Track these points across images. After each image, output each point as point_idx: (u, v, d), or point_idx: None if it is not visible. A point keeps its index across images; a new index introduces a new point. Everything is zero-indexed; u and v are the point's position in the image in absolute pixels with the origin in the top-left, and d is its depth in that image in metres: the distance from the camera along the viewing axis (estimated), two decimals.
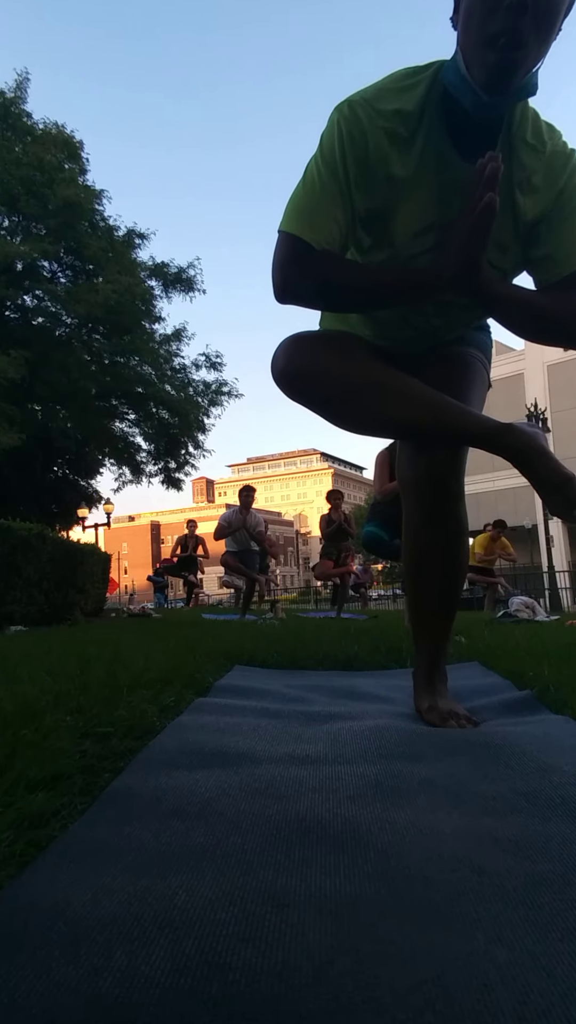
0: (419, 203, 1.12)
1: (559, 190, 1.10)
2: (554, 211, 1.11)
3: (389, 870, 0.61)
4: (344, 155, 1.06)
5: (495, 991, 0.43)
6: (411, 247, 1.15)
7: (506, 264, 1.18)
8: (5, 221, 13.73)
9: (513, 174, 1.10)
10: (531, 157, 1.10)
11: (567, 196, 1.10)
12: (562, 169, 1.10)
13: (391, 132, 1.06)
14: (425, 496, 1.24)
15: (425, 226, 1.13)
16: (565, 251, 1.12)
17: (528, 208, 1.12)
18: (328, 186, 1.07)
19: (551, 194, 1.11)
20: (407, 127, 1.07)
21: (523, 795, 0.82)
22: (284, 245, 1.09)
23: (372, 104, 1.07)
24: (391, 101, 1.07)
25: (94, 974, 0.45)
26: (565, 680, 1.49)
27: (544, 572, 17.53)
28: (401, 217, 1.13)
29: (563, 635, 3.06)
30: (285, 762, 0.96)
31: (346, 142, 1.06)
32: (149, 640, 2.75)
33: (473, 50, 1.00)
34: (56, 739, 0.95)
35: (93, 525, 20.84)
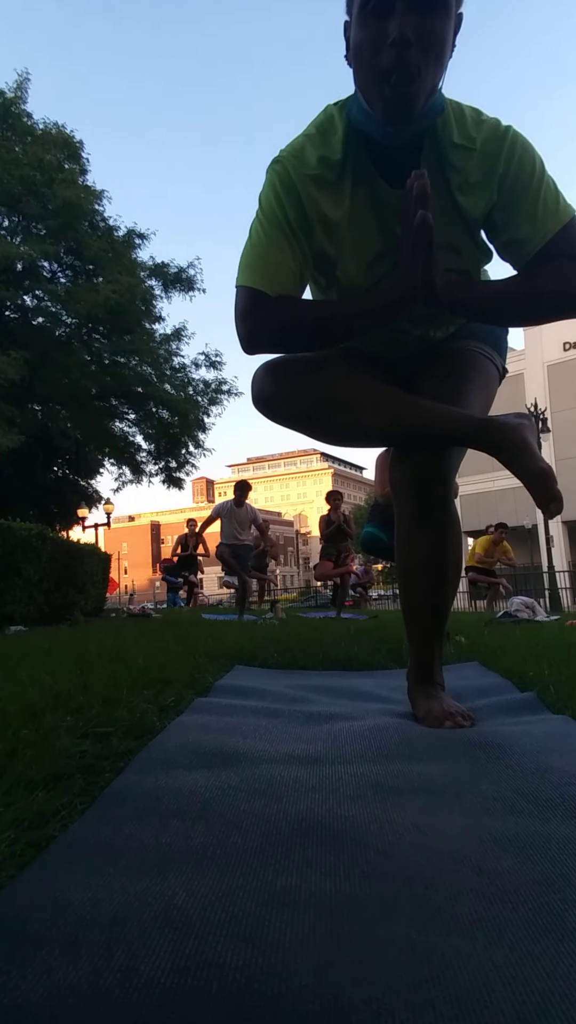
0: (362, 237, 1.15)
1: (500, 176, 1.10)
2: (503, 197, 1.11)
3: (389, 870, 0.61)
4: (282, 205, 1.11)
5: (495, 991, 0.43)
6: (369, 278, 1.18)
7: (465, 264, 1.19)
8: (5, 221, 13.74)
9: (449, 180, 1.11)
10: (462, 158, 1.10)
11: (512, 179, 1.10)
12: (497, 156, 1.09)
13: (317, 179, 1.11)
14: (413, 497, 1.24)
15: (376, 255, 1.17)
16: (527, 231, 1.11)
17: (472, 206, 1.12)
18: (272, 236, 1.11)
19: (492, 184, 1.10)
20: (333, 171, 1.11)
21: (523, 795, 0.82)
22: (241, 298, 1.13)
23: (297, 157, 1.12)
24: (315, 150, 1.12)
25: (94, 974, 0.45)
26: (565, 680, 1.49)
27: (544, 572, 17.53)
28: (349, 253, 1.17)
29: (563, 635, 3.06)
30: (285, 762, 0.96)
31: (281, 194, 1.11)
32: (149, 640, 2.75)
33: (368, 87, 1.03)
34: (56, 739, 0.95)
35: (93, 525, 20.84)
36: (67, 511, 16.91)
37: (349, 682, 1.77)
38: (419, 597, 1.32)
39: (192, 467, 16.72)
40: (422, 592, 1.31)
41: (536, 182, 1.10)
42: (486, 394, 1.34)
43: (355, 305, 1.16)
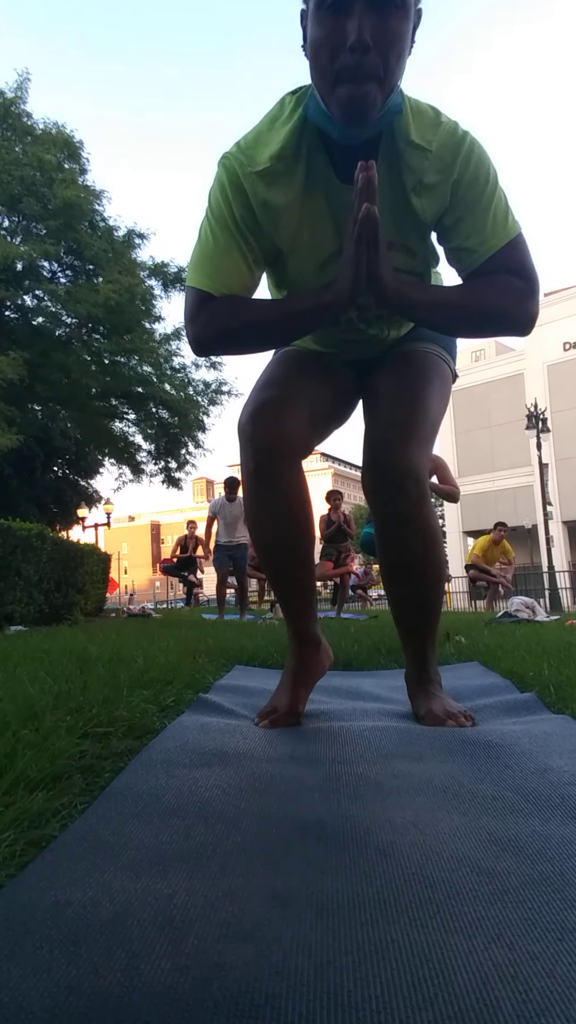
0: (316, 236, 1.14)
1: (454, 181, 1.08)
2: (455, 203, 1.10)
3: (389, 870, 0.61)
4: (229, 204, 1.09)
5: (494, 990, 0.43)
6: (322, 278, 1.16)
7: (418, 267, 1.19)
8: (5, 221, 13.75)
9: (404, 179, 1.09)
10: (417, 159, 1.08)
11: (465, 186, 1.09)
12: (452, 161, 1.08)
13: (265, 174, 1.08)
14: (390, 501, 1.23)
15: (330, 255, 1.15)
16: (477, 239, 1.11)
17: (426, 208, 1.11)
18: (219, 236, 1.10)
19: (447, 188, 1.09)
20: (284, 163, 1.08)
21: (523, 795, 0.82)
22: (188, 299, 1.14)
23: (245, 153, 1.09)
24: (265, 146, 1.09)
25: (94, 974, 0.45)
26: (565, 680, 1.50)
27: (544, 572, 17.54)
28: (303, 251, 1.15)
29: (563, 635, 3.06)
30: (285, 762, 0.96)
31: (229, 193, 1.09)
32: (149, 640, 2.75)
33: (324, 87, 1.01)
34: (56, 739, 0.95)
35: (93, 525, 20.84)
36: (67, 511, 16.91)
37: (349, 682, 1.77)
38: (406, 598, 1.32)
39: (192, 467, 16.74)
40: (408, 593, 1.31)
41: (488, 193, 1.09)
42: (443, 394, 1.34)
43: (300, 301, 1.14)
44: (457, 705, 1.27)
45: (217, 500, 6.86)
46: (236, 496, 6.73)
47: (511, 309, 1.11)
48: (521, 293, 1.11)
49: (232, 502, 6.69)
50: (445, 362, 1.36)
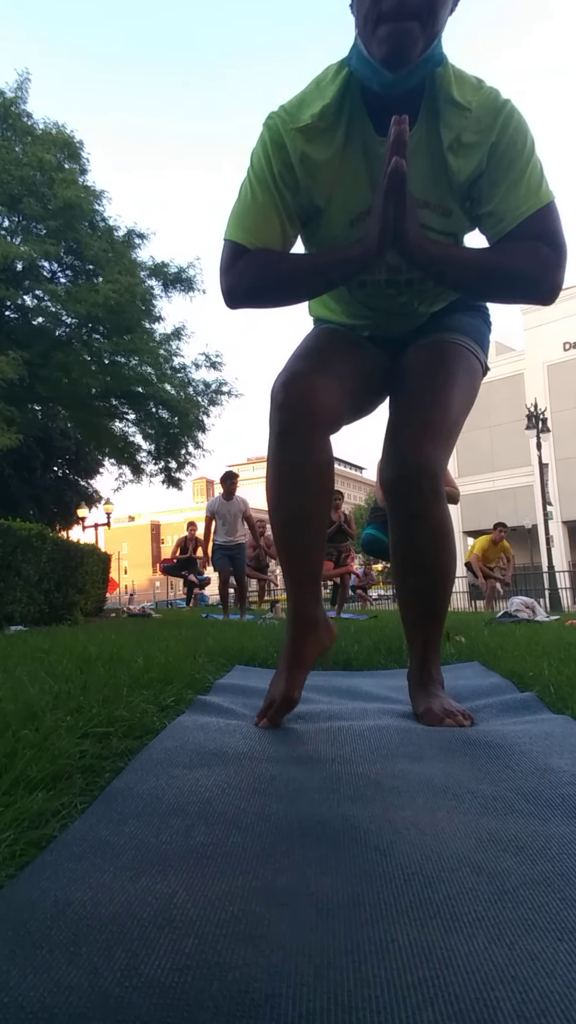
0: (351, 190, 1.16)
1: (492, 144, 1.10)
2: (491, 166, 1.11)
3: (389, 870, 0.61)
4: (270, 162, 1.13)
5: (494, 990, 0.43)
6: (350, 235, 1.18)
7: (453, 227, 1.19)
8: (5, 221, 13.74)
9: (441, 137, 1.11)
10: (457, 117, 1.10)
11: (503, 149, 1.10)
12: (492, 123, 1.09)
13: (307, 131, 1.11)
14: (403, 497, 1.25)
15: (360, 212, 1.17)
16: (509, 203, 1.11)
17: (461, 168, 1.12)
18: (258, 193, 1.14)
19: (484, 149, 1.10)
20: (325, 120, 1.12)
21: (523, 795, 0.82)
22: (224, 252, 1.17)
23: (289, 112, 1.13)
24: (308, 106, 1.12)
25: (94, 974, 0.45)
26: (565, 680, 1.50)
27: (544, 572, 17.53)
28: (336, 207, 1.17)
29: (563, 635, 3.05)
30: (285, 762, 0.96)
31: (270, 151, 1.13)
32: (149, 640, 2.75)
33: (367, 30, 1.04)
34: (56, 739, 0.95)
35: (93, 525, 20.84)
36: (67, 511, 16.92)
37: (349, 682, 1.77)
38: (415, 596, 1.33)
39: (192, 467, 16.73)
40: (417, 589, 1.32)
41: (525, 159, 1.10)
42: (470, 388, 1.34)
43: (330, 255, 1.16)
44: (457, 705, 1.27)
45: (214, 499, 6.81)
46: (234, 493, 6.69)
47: (535, 274, 1.11)
48: (548, 260, 1.11)
49: (230, 500, 6.65)
50: (475, 355, 1.35)
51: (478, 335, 1.37)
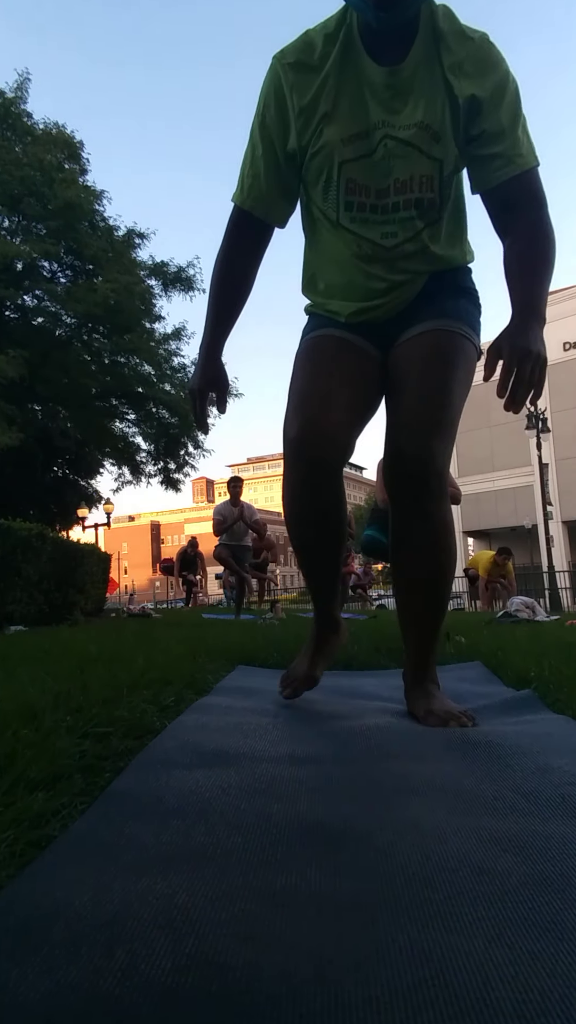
0: (345, 110, 1.20)
1: (495, 82, 1.15)
2: (494, 105, 1.16)
3: (389, 870, 0.61)
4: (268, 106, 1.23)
5: (495, 990, 0.43)
6: (342, 153, 1.22)
7: (439, 153, 1.20)
8: (5, 221, 13.73)
9: (443, 58, 1.15)
10: (459, 42, 1.15)
11: (503, 92, 1.16)
12: (496, 63, 1.16)
13: (297, 65, 1.20)
14: (406, 496, 1.25)
15: (353, 133, 1.20)
16: (513, 151, 1.17)
17: (463, 88, 1.15)
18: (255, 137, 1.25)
19: (488, 82, 1.15)
20: (320, 51, 1.19)
21: (523, 795, 0.82)
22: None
23: (286, 50, 1.22)
24: (306, 36, 1.22)
25: (95, 973, 0.45)
26: (565, 680, 1.50)
27: (544, 572, 17.52)
28: (329, 125, 1.21)
29: (563, 635, 3.06)
30: (285, 762, 0.96)
31: (267, 99, 1.23)
32: (149, 640, 2.75)
33: None
34: (56, 739, 0.95)
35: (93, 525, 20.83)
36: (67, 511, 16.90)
37: (350, 682, 1.77)
38: (415, 597, 1.32)
39: (191, 468, 16.72)
40: (418, 592, 1.31)
41: (522, 112, 1.18)
42: (467, 378, 1.34)
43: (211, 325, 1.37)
44: (456, 705, 1.27)
45: (222, 504, 6.81)
46: (239, 497, 6.70)
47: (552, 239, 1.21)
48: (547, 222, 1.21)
49: (235, 505, 6.66)
50: (470, 340, 1.35)
51: (471, 319, 1.36)
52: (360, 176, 1.22)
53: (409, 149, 1.18)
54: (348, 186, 1.23)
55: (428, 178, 1.21)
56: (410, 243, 1.28)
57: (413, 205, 1.23)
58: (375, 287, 1.32)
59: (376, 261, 1.29)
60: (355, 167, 1.21)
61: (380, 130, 1.18)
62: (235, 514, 6.60)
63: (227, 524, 6.58)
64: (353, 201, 1.24)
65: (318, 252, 1.37)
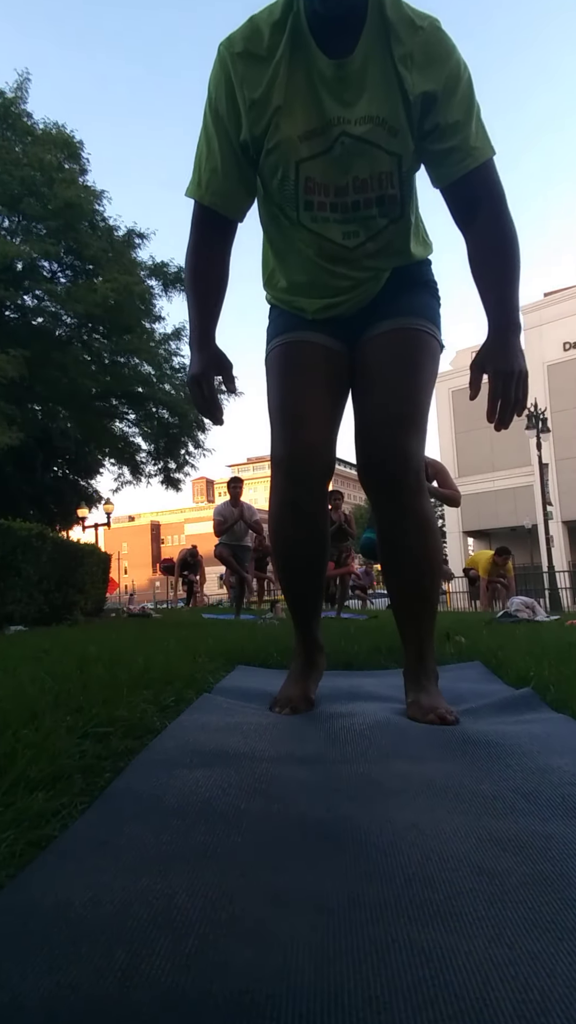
0: (297, 105, 1.15)
1: (448, 72, 1.11)
2: (446, 98, 1.12)
3: (389, 870, 0.61)
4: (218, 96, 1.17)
5: (495, 990, 0.43)
6: (299, 151, 1.18)
7: (397, 148, 1.17)
8: (5, 221, 13.73)
9: (392, 50, 1.11)
10: (409, 33, 1.11)
11: (456, 82, 1.12)
12: (448, 52, 1.12)
13: (245, 55, 1.14)
14: (386, 496, 1.28)
15: (309, 129, 1.16)
16: (472, 143, 1.15)
17: (416, 83, 1.12)
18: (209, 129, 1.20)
19: (441, 73, 1.11)
20: (268, 41, 1.14)
21: (523, 795, 0.82)
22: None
23: (233, 38, 1.16)
24: (253, 29, 1.15)
25: (95, 973, 0.45)
26: (565, 680, 1.50)
27: (544, 572, 17.52)
28: (283, 121, 1.17)
29: (563, 635, 3.05)
30: (285, 762, 0.96)
31: (215, 89, 1.18)
32: (149, 640, 2.75)
33: None
34: (56, 739, 0.95)
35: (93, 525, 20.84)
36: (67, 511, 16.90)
37: (349, 682, 1.77)
38: (407, 590, 1.35)
39: (191, 467, 16.72)
40: (407, 582, 1.34)
41: (476, 104, 1.15)
42: (433, 375, 1.35)
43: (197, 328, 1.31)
44: (443, 703, 1.27)
45: (222, 504, 6.84)
46: (239, 498, 6.71)
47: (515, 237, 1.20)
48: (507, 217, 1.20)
49: (235, 505, 6.67)
50: (433, 336, 1.35)
51: (431, 313, 1.36)
52: (318, 174, 1.19)
53: (366, 146, 1.15)
54: (307, 185, 1.20)
55: (388, 174, 1.18)
56: (372, 242, 1.26)
57: (374, 203, 1.21)
58: (339, 284, 1.32)
59: (339, 261, 1.28)
60: (312, 165, 1.18)
61: (336, 127, 1.14)
62: (235, 514, 6.63)
63: (227, 524, 6.61)
64: (312, 200, 1.21)
65: (278, 249, 1.36)
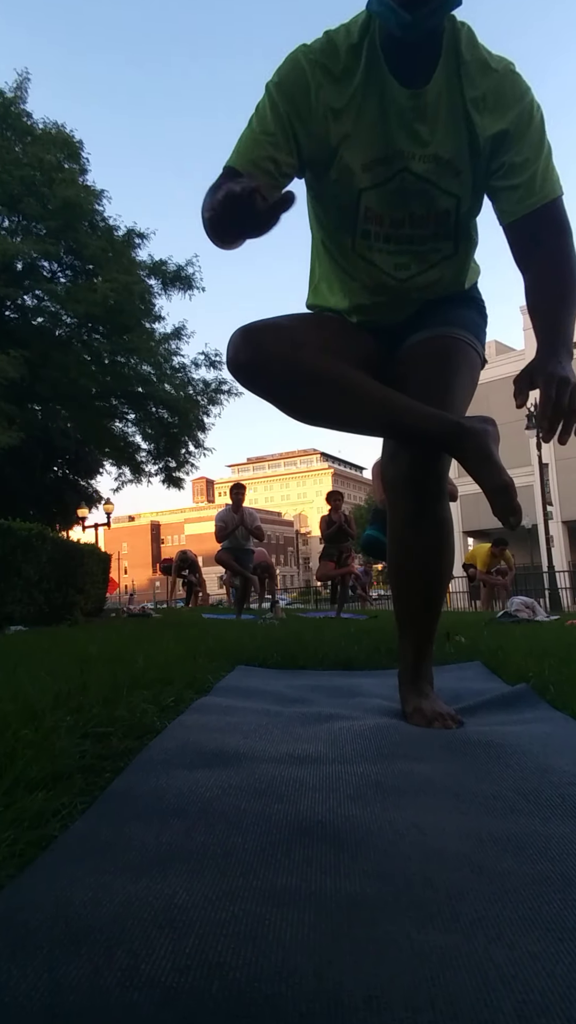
0: (367, 133, 1.15)
1: (519, 114, 1.12)
2: (518, 136, 1.13)
3: (389, 870, 0.61)
4: (282, 86, 1.14)
5: (495, 990, 0.43)
6: (361, 180, 1.18)
7: (457, 190, 1.18)
8: (5, 221, 13.73)
9: (465, 91, 1.11)
10: (483, 75, 1.12)
11: (529, 124, 1.13)
12: (521, 94, 1.13)
13: (323, 67, 1.13)
14: (405, 495, 1.25)
15: (373, 159, 1.16)
16: (538, 182, 1.14)
17: (486, 125, 1.13)
18: (264, 120, 1.14)
19: (512, 115, 1.12)
20: (349, 57, 1.13)
21: (523, 795, 0.82)
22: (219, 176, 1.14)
23: (313, 49, 1.15)
24: (331, 41, 1.15)
25: (95, 973, 0.45)
26: (565, 679, 1.50)
27: (544, 572, 17.52)
28: (350, 148, 1.16)
29: (563, 635, 3.06)
30: (285, 762, 0.96)
31: (287, 80, 1.14)
32: (149, 640, 2.75)
33: None
34: (56, 739, 0.95)
35: (93, 525, 20.85)
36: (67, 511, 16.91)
37: (350, 682, 1.77)
38: (412, 596, 1.32)
39: (192, 467, 16.72)
40: (415, 591, 1.31)
41: (547, 143, 1.14)
42: (471, 385, 1.34)
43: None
44: (446, 707, 1.27)
45: (224, 510, 6.85)
46: (241, 504, 6.73)
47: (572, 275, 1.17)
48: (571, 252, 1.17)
49: (237, 511, 6.69)
50: (474, 348, 1.34)
51: (475, 328, 1.36)
52: (376, 204, 1.20)
53: (426, 185, 1.16)
54: (366, 214, 1.20)
55: (445, 213, 1.20)
56: (423, 276, 1.28)
57: (430, 239, 1.23)
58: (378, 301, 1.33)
59: (387, 290, 1.30)
60: (372, 195, 1.19)
61: (400, 160, 1.15)
62: (236, 520, 6.64)
63: (229, 530, 6.63)
64: (369, 230, 1.23)
65: (327, 271, 1.37)
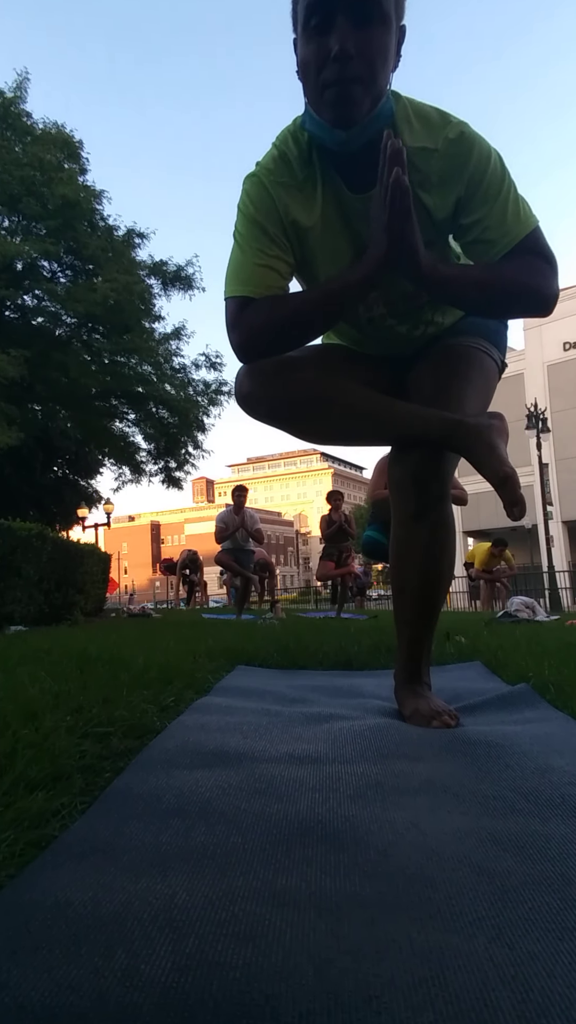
0: (334, 244, 1.18)
1: (468, 177, 1.11)
2: (469, 198, 1.12)
3: (389, 869, 0.61)
4: (260, 211, 1.15)
5: (495, 990, 0.43)
6: None
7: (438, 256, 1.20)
8: (5, 221, 13.73)
9: (411, 178, 1.10)
10: (424, 159, 1.11)
11: (479, 180, 1.11)
12: (465, 158, 1.11)
13: (288, 186, 1.15)
14: (409, 495, 1.25)
15: (352, 261, 1.17)
16: (497, 231, 1.13)
17: (438, 205, 1.13)
18: (251, 242, 1.15)
19: (460, 183, 1.11)
20: (303, 175, 1.15)
21: (523, 795, 0.82)
22: (228, 310, 1.16)
23: (268, 168, 1.16)
24: (283, 161, 1.16)
25: (95, 973, 0.45)
26: (565, 680, 1.50)
27: (544, 572, 17.52)
28: (325, 260, 1.20)
29: (563, 635, 3.06)
30: (285, 762, 0.96)
31: (257, 202, 1.15)
32: (149, 640, 2.75)
33: (315, 98, 1.08)
34: (56, 739, 0.95)
35: (93, 525, 20.85)
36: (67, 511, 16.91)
37: (349, 682, 1.77)
38: (413, 595, 1.32)
39: (192, 467, 16.72)
40: (416, 592, 1.31)
41: (505, 189, 1.12)
42: (485, 390, 1.34)
43: (338, 279, 1.15)
44: (444, 705, 1.27)
45: (225, 512, 6.85)
46: (243, 506, 6.73)
47: (535, 285, 1.14)
48: (544, 272, 1.14)
49: (238, 513, 6.69)
50: (489, 355, 1.34)
51: (489, 333, 1.36)
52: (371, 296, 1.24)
53: None
54: (364, 304, 1.25)
55: None
56: (433, 326, 1.33)
57: (426, 307, 1.27)
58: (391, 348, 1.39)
59: (401, 343, 1.35)
60: None
61: None
62: (237, 522, 6.65)
63: (229, 532, 6.64)
64: (373, 316, 1.28)
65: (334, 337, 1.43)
